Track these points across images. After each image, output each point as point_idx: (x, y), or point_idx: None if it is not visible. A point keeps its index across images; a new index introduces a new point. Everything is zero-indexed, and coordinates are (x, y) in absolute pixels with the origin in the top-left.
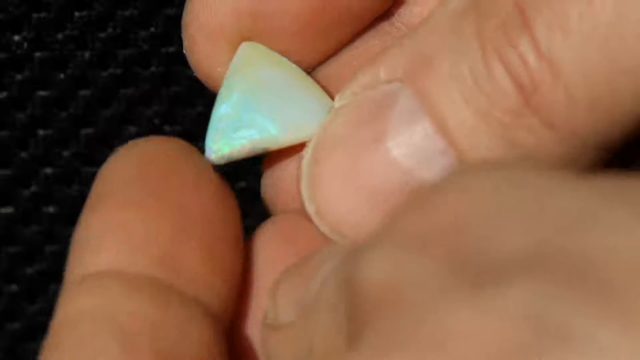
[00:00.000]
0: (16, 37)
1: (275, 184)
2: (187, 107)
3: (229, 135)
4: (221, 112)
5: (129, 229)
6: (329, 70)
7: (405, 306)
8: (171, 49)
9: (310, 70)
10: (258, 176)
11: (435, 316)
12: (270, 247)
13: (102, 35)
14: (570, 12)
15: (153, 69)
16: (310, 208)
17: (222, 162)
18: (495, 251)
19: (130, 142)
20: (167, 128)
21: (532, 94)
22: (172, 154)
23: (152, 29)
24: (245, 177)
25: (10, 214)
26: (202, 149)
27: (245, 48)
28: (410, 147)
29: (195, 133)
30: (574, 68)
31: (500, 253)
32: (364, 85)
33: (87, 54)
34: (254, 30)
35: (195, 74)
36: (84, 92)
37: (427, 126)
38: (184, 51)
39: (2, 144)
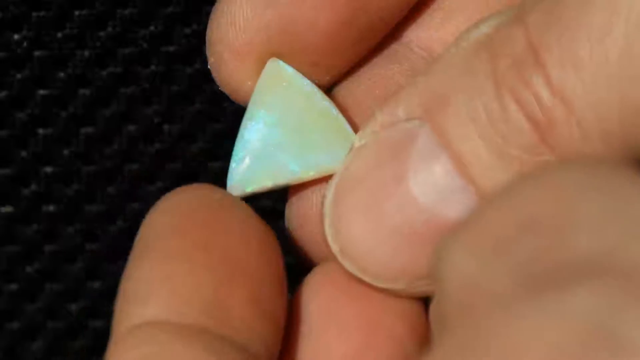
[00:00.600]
0: (16, 36)
1: (299, 214)
2: (186, 106)
3: (252, 173)
4: (244, 145)
5: (175, 280)
6: (349, 96)
7: (480, 314)
8: (171, 48)
9: (333, 82)
10: None
11: (504, 327)
12: (322, 296)
13: (101, 34)
14: (581, 49)
15: (153, 67)
16: (334, 247)
17: (243, 196)
18: (565, 254)
19: (170, 193)
20: (166, 127)
21: (547, 131)
22: (213, 203)
23: (152, 28)
24: None
25: (10, 213)
26: (202, 149)
27: (271, 69)
28: (430, 185)
29: (194, 132)
30: (587, 104)
31: (569, 257)
32: (383, 124)
33: (86, 53)
34: (282, 46)
35: (220, 89)
36: (83, 91)
37: (446, 164)
38: (208, 66)
39: (1, 143)
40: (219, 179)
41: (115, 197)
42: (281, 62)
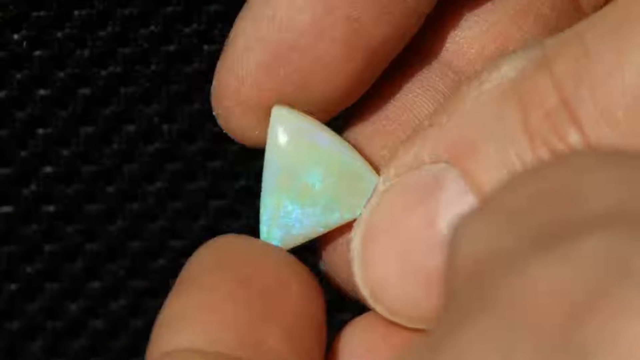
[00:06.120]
0: (16, 36)
1: (333, 258)
2: (186, 106)
3: (283, 234)
4: (271, 202)
5: (211, 310)
6: (376, 124)
7: (488, 276)
8: (171, 48)
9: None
10: (256, 175)
11: (512, 281)
12: (360, 338)
13: (101, 33)
14: (615, 105)
15: (153, 67)
16: (364, 291)
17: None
18: (575, 215)
19: (212, 239)
20: (166, 127)
21: None
22: (254, 247)
23: (152, 28)
24: (244, 176)
25: (10, 212)
26: (202, 149)
27: (279, 115)
28: None
29: (194, 132)
30: None
31: (579, 216)
32: (407, 165)
33: (86, 53)
34: (294, 100)
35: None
36: (83, 91)
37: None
38: (213, 114)
39: (1, 142)
40: (218, 179)
41: (115, 196)
42: (286, 109)
